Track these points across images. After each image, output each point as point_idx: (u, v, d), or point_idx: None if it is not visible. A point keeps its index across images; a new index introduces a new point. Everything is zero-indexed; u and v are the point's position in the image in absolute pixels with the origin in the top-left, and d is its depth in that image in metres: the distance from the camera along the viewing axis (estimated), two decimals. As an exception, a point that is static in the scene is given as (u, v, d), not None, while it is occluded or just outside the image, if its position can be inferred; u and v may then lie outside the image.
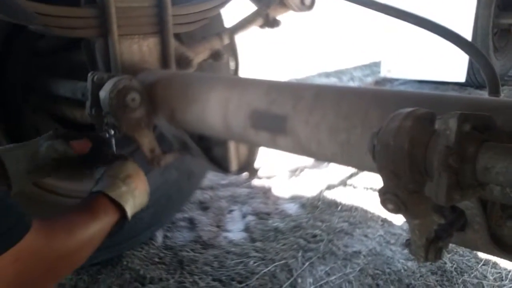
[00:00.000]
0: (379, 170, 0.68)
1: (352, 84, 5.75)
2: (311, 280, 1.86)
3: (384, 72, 4.94)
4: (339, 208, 2.50)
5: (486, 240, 0.81)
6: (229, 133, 1.20)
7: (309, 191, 2.71)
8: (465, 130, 0.61)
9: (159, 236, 2.23)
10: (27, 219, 0.84)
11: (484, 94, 4.19)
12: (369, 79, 5.92)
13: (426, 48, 4.19)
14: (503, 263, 1.84)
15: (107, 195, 1.08)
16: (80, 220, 1.00)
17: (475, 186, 0.64)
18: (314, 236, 2.22)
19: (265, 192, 2.73)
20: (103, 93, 1.30)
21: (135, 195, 1.15)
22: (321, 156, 1.06)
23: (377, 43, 5.40)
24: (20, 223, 0.82)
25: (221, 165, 1.45)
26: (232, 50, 1.75)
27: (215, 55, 1.86)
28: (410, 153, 0.64)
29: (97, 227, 1.03)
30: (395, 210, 0.65)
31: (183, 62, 1.70)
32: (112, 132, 1.33)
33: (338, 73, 6.45)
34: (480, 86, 4.37)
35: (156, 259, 2.05)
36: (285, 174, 2.97)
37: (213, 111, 1.21)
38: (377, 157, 0.67)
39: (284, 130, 1.05)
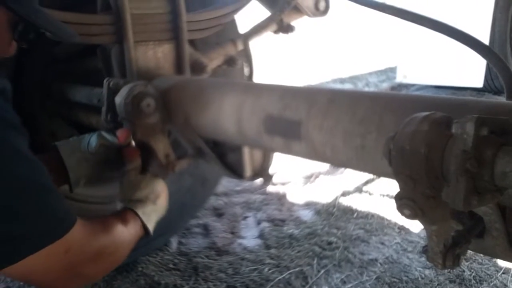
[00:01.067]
0: (395, 175, 0.67)
1: (368, 90, 5.72)
2: (326, 287, 1.84)
3: (400, 78, 4.89)
4: (355, 215, 2.48)
5: (505, 247, 0.79)
6: (243, 138, 1.20)
7: (324, 198, 2.69)
8: (482, 134, 0.60)
9: (174, 242, 2.24)
10: (72, 213, 0.94)
11: (502, 100, 4.13)
12: (385, 85, 5.88)
13: (442, 53, 4.14)
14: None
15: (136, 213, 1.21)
16: (117, 225, 1.10)
17: (493, 191, 0.63)
18: (330, 243, 2.20)
19: (280, 198, 2.72)
20: (118, 99, 1.32)
21: (158, 211, 1.28)
22: (336, 161, 1.05)
23: (393, 48, 5.37)
24: (67, 216, 0.93)
25: (236, 171, 1.44)
26: (246, 56, 1.75)
27: (229, 61, 1.87)
28: (427, 158, 0.63)
29: (129, 234, 1.14)
30: (412, 216, 0.64)
31: (198, 68, 1.71)
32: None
33: (353, 79, 6.42)
34: (498, 92, 4.30)
35: (171, 265, 2.05)
36: (299, 181, 2.96)
37: (227, 117, 1.21)
38: (393, 161, 0.66)
39: (298, 135, 1.05)
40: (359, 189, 2.78)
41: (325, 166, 3.02)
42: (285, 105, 1.09)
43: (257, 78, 1.83)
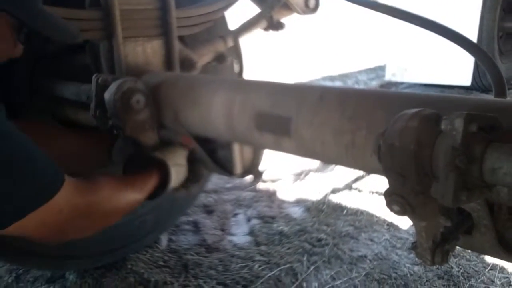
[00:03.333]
0: (384, 172, 0.67)
1: (357, 87, 5.74)
2: (316, 284, 1.85)
3: (389, 76, 4.92)
4: (345, 212, 2.49)
5: (493, 243, 0.79)
6: (233, 135, 1.20)
7: (314, 195, 2.70)
8: (471, 131, 0.60)
9: (164, 239, 2.23)
10: (60, 174, 0.98)
11: (490, 97, 4.17)
12: (374, 83, 5.90)
13: (431, 51, 4.17)
14: (511, 267, 1.82)
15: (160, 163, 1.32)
16: (112, 185, 1.16)
17: (482, 188, 0.64)
18: (319, 240, 2.21)
19: (270, 195, 2.72)
20: (107, 95, 1.30)
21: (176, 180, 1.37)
22: (326, 158, 1.06)
23: (382, 46, 5.39)
24: (56, 178, 0.96)
25: (226, 168, 1.44)
26: (236, 52, 1.75)
27: (219, 58, 1.86)
28: (416, 154, 0.63)
29: (130, 198, 1.21)
30: (401, 212, 0.65)
31: (187, 64, 1.70)
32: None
33: (343, 77, 6.43)
34: (486, 90, 4.34)
35: (161, 263, 2.04)
36: (290, 178, 2.96)
37: (217, 113, 1.21)
38: (383, 158, 0.67)
39: (288, 132, 1.05)
40: (348, 186, 2.79)
41: (315, 163, 3.03)
42: (275, 101, 1.09)
43: (248, 75, 1.83)
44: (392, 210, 0.65)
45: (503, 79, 1.01)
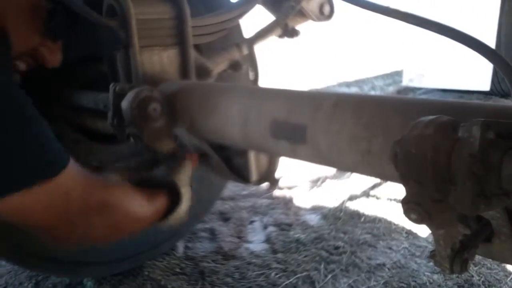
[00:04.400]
0: (401, 179, 0.67)
1: (373, 93, 5.70)
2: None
3: (406, 81, 4.88)
4: (362, 219, 2.47)
5: (513, 252, 0.78)
6: (249, 142, 1.20)
7: (331, 202, 2.68)
8: (489, 138, 0.59)
9: (180, 246, 2.24)
10: (65, 155, 0.93)
11: (509, 103, 4.10)
12: (391, 89, 5.86)
13: (449, 56, 4.12)
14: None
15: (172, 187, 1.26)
16: (135, 195, 1.12)
17: (501, 195, 0.62)
18: (337, 248, 2.19)
19: (286, 203, 2.71)
20: (125, 104, 1.32)
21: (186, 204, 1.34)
22: (342, 166, 1.05)
23: (399, 51, 5.35)
24: (59, 156, 0.91)
25: (242, 175, 1.44)
26: (251, 60, 1.76)
27: (234, 66, 1.87)
28: (433, 161, 0.62)
29: (145, 212, 1.14)
30: (419, 220, 0.64)
31: (203, 72, 1.72)
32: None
33: (359, 83, 6.41)
34: (505, 95, 4.27)
35: (177, 270, 2.05)
36: (306, 185, 2.95)
37: (233, 121, 1.21)
38: (399, 165, 0.66)
39: (304, 139, 1.04)
40: (366, 193, 2.77)
41: (332, 170, 3.02)
42: (291, 109, 1.09)
43: (263, 83, 1.84)
44: (409, 218, 0.64)
45: (522, 84, 1.00)
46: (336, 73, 6.72)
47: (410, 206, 0.63)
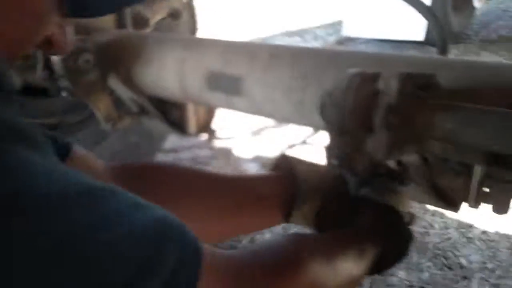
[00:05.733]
0: (326, 128, 0.71)
1: (315, 43, 5.75)
2: (269, 235, 1.92)
3: (346, 31, 4.96)
4: (300, 167, 2.55)
5: (428, 193, 0.86)
6: (186, 95, 1.20)
7: (271, 151, 2.75)
8: (406, 89, 0.64)
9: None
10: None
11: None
12: (332, 38, 5.92)
13: (385, 8, 4.21)
14: (449, 213, 1.93)
15: None
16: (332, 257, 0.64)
17: (415, 143, 0.68)
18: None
19: (227, 153, 2.75)
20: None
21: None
22: (277, 116, 1.08)
23: (339, 2, 5.39)
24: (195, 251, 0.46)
25: (180, 127, 1.45)
26: (189, 8, 1.72)
27: (174, 14, 1.82)
28: (355, 111, 0.66)
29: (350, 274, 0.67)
30: (339, 165, 0.68)
31: (140, 21, 1.66)
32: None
33: (301, 32, 6.41)
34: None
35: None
36: (246, 135, 2.99)
37: (169, 73, 1.20)
38: (324, 115, 0.70)
39: (239, 91, 1.06)
40: (304, 142, 2.86)
41: (272, 120, 3.06)
42: (227, 60, 1.09)
43: (203, 32, 1.81)
44: (331, 163, 0.69)
45: (446, 36, 1.05)
46: (279, 22, 6.67)
47: (332, 153, 0.68)
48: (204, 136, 1.57)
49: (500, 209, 0.79)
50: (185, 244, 0.44)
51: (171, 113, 1.44)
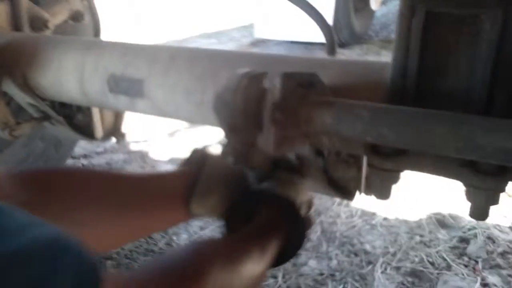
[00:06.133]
0: (220, 126, 0.74)
1: (231, 44, 5.82)
2: (185, 236, 1.93)
3: (258, 34, 5.09)
4: (216, 167, 2.58)
5: (324, 184, 0.92)
6: (88, 99, 1.18)
7: (186, 152, 2.74)
8: (289, 87, 0.68)
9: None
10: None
11: (346, 52, 4.51)
12: (246, 40, 6.03)
13: (294, 11, 4.36)
14: (354, 202, 2.07)
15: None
16: (235, 260, 0.63)
17: (304, 137, 0.73)
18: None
19: (142, 156, 2.71)
20: None
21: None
22: (179, 117, 1.10)
23: (251, 4, 5.50)
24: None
25: (86, 132, 1.42)
26: (90, 9, 1.68)
27: (75, 16, 1.76)
28: (245, 110, 0.70)
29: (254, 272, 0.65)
30: (235, 162, 0.72)
31: (38, 24, 1.59)
32: None
33: (218, 34, 6.45)
34: (343, 45, 4.68)
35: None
36: (161, 136, 2.97)
37: (68, 76, 1.17)
38: (218, 114, 0.73)
39: (141, 94, 1.07)
40: (218, 141, 2.88)
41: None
42: (127, 63, 1.09)
43: (110, 35, 1.77)
44: (227, 160, 0.72)
45: (333, 37, 1.13)
46: (196, 25, 6.66)
47: (227, 150, 0.71)
48: (113, 140, 1.54)
49: (381, 195, 0.87)
50: (82, 263, 0.43)
51: (76, 117, 1.40)
